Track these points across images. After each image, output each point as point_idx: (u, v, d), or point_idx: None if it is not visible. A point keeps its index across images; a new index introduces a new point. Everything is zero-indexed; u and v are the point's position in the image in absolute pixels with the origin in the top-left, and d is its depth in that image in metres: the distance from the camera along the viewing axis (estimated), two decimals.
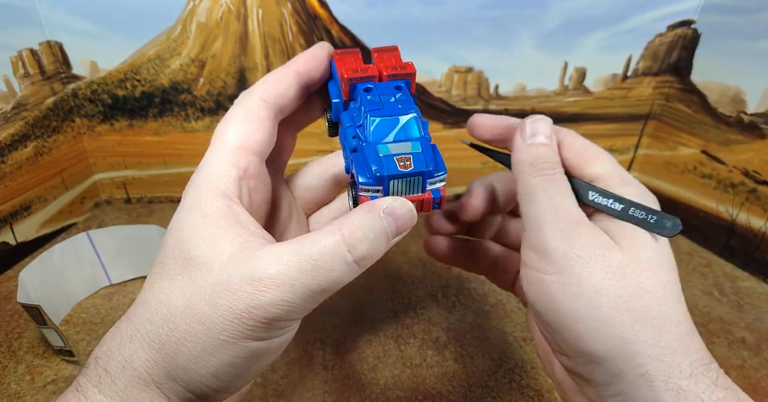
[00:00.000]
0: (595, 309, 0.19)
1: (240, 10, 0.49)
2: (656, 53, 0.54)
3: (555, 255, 0.20)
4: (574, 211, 0.21)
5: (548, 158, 0.22)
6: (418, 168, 0.20)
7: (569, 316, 0.20)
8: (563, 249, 0.20)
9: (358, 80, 0.22)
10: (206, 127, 0.55)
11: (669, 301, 0.20)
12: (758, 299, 0.45)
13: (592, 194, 0.22)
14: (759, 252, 0.48)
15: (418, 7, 0.49)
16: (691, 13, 0.52)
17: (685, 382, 0.18)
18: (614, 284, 0.20)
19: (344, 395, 0.33)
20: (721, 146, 0.51)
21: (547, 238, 0.21)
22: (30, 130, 0.47)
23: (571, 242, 0.20)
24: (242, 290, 0.18)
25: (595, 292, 0.19)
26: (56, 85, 0.50)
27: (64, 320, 0.40)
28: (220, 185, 0.20)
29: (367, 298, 0.43)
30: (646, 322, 0.19)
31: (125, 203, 0.59)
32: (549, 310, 0.21)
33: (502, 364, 0.36)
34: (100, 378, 0.18)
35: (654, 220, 0.21)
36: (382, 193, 0.21)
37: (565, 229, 0.20)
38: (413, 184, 0.21)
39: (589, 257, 0.20)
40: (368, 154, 0.20)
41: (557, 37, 0.52)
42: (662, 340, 0.19)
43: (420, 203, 0.21)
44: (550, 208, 0.21)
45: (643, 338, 0.19)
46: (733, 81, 0.49)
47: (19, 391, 0.33)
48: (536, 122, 0.23)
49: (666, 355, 0.19)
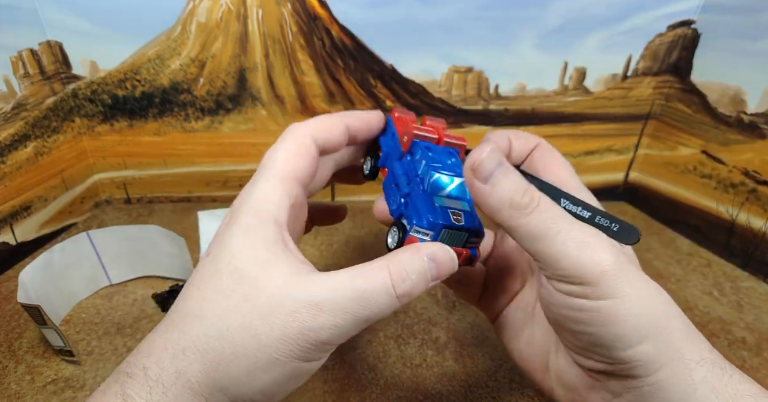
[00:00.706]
0: (644, 316, 0.20)
1: (240, 11, 0.49)
2: (656, 53, 0.54)
3: (602, 282, 0.20)
4: (585, 231, 0.21)
5: (522, 190, 0.21)
6: (467, 225, 0.23)
7: (624, 331, 0.20)
8: (608, 274, 0.20)
9: (422, 138, 0.26)
10: (206, 127, 0.55)
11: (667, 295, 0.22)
12: (758, 299, 0.45)
13: (563, 201, 0.23)
14: (759, 252, 0.48)
15: (419, 7, 0.49)
16: (691, 13, 0.52)
17: (708, 354, 0.20)
18: (645, 286, 0.21)
19: (344, 395, 0.33)
20: (721, 146, 0.51)
21: (584, 266, 0.20)
22: (30, 130, 0.47)
23: (605, 262, 0.20)
24: (298, 312, 0.19)
25: (641, 300, 0.20)
26: (56, 85, 0.50)
27: (64, 320, 0.40)
28: (275, 213, 0.22)
29: None
30: (671, 311, 0.21)
31: (125, 203, 0.59)
32: (602, 332, 0.20)
33: (502, 364, 0.36)
34: (151, 388, 0.19)
35: (617, 229, 0.21)
36: (431, 238, 0.23)
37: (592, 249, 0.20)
38: (458, 237, 0.23)
39: (626, 272, 0.20)
40: (425, 202, 0.23)
41: (557, 37, 0.52)
42: (685, 324, 0.21)
43: (458, 256, 0.23)
44: (571, 241, 0.20)
45: (676, 327, 0.21)
46: (733, 81, 0.49)
47: (19, 391, 0.33)
48: (482, 159, 0.21)
49: (693, 337, 0.21)
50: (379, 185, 0.28)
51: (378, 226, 0.56)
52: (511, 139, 0.26)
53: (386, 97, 0.55)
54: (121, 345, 0.37)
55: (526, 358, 0.27)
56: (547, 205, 0.21)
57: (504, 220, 0.21)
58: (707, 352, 0.21)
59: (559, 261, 0.20)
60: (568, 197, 0.22)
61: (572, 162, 0.26)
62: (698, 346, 0.21)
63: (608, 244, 0.20)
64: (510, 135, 0.26)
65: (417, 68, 0.53)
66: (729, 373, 0.20)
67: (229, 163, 0.57)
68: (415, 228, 0.23)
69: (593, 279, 0.20)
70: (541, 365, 0.26)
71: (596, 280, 0.20)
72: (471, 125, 0.57)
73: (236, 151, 0.57)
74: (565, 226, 0.20)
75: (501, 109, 0.56)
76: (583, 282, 0.20)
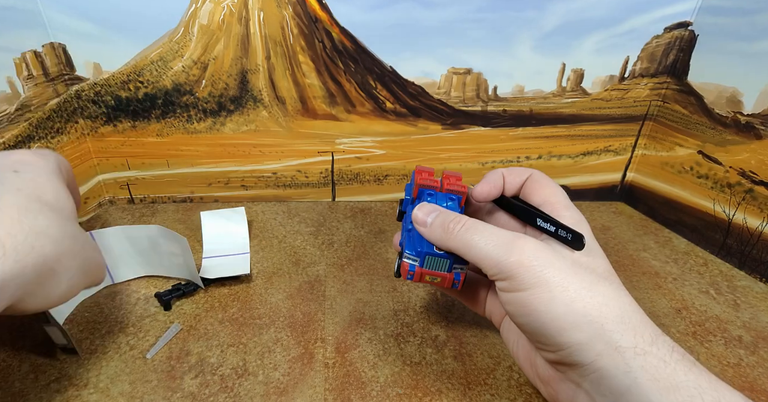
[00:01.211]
0: (569, 305, 0.23)
1: (241, 13, 0.49)
2: (653, 55, 0.55)
3: (519, 273, 0.24)
4: (509, 235, 0.26)
5: (449, 219, 0.28)
6: (445, 254, 0.29)
7: (550, 319, 0.23)
8: (523, 266, 0.24)
9: (425, 186, 0.31)
10: (208, 129, 0.55)
11: (618, 285, 0.25)
12: (754, 298, 0.45)
13: (539, 220, 0.29)
14: (755, 251, 0.48)
15: (418, 9, 0.50)
16: (688, 15, 0.52)
17: (649, 347, 0.22)
18: (575, 278, 0.24)
19: (345, 393, 0.34)
20: (718, 147, 0.51)
21: (502, 263, 0.25)
22: (34, 132, 0.48)
23: (523, 257, 0.24)
24: None
25: (564, 289, 0.23)
26: (60, 86, 0.50)
27: (68, 319, 0.40)
28: None
29: (367, 296, 0.44)
30: (610, 304, 0.23)
31: (128, 203, 0.60)
32: (532, 320, 0.24)
33: (500, 361, 0.37)
34: None
35: (570, 237, 0.26)
36: (418, 264, 0.29)
37: (511, 249, 0.25)
38: (441, 264, 0.29)
39: (545, 263, 0.24)
40: (418, 237, 0.30)
41: (555, 39, 0.52)
42: (625, 317, 0.23)
43: (443, 279, 0.29)
44: (488, 240, 0.26)
45: (611, 318, 0.23)
46: (729, 82, 0.49)
47: (23, 390, 0.34)
48: (420, 209, 0.30)
49: (631, 329, 0.23)
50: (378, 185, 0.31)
51: (378, 226, 0.56)
52: (505, 175, 0.32)
53: (386, 99, 0.55)
54: (124, 343, 0.38)
55: (521, 360, 0.30)
56: (473, 225, 0.27)
57: (444, 244, 0.28)
58: (648, 344, 0.22)
59: (484, 262, 0.25)
60: (541, 216, 0.29)
61: (570, 163, 0.30)
62: (638, 337, 0.22)
63: (532, 245, 0.25)
64: (504, 172, 0.32)
65: (416, 70, 0.54)
66: (673, 366, 0.21)
67: (231, 164, 0.58)
68: (405, 254, 0.30)
69: (512, 272, 0.24)
70: (528, 361, 0.29)
71: (515, 273, 0.24)
72: (470, 126, 0.57)
73: (238, 152, 0.57)
74: (487, 234, 0.26)
75: (499, 111, 0.57)
76: (505, 277, 0.25)
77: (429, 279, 0.30)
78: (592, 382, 0.23)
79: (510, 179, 0.32)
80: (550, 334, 0.24)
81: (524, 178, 0.32)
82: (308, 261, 0.49)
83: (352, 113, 0.56)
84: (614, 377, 0.22)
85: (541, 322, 0.24)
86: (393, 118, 0.57)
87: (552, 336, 0.24)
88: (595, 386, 0.23)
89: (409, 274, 0.29)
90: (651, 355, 0.22)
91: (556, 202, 0.29)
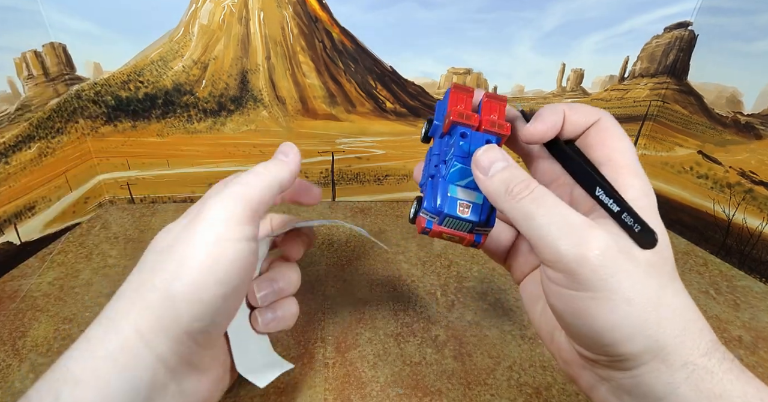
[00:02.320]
0: (629, 318, 0.20)
1: (242, 13, 0.49)
2: (653, 55, 0.55)
3: (582, 273, 0.20)
4: (579, 221, 0.21)
5: (517, 179, 0.22)
6: (471, 217, 0.25)
7: (604, 328, 0.20)
8: (588, 265, 0.20)
9: (460, 123, 0.25)
10: (208, 129, 0.55)
11: (681, 288, 0.22)
12: (754, 298, 0.45)
13: (598, 190, 0.22)
14: (755, 251, 0.48)
15: (418, 9, 0.50)
16: (687, 15, 0.52)
17: (700, 359, 0.20)
18: (641, 289, 0.20)
19: (344, 393, 0.34)
20: (718, 147, 0.51)
21: (563, 253, 0.20)
22: (34, 132, 0.48)
23: (590, 254, 0.20)
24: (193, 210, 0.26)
25: (628, 302, 0.20)
26: (60, 86, 0.50)
27: (68, 318, 0.40)
28: None
29: (367, 296, 0.44)
30: (672, 317, 0.20)
31: (129, 203, 0.60)
32: (580, 322, 0.21)
33: (500, 361, 0.37)
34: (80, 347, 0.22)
35: (638, 230, 0.21)
36: (437, 222, 0.25)
37: (578, 240, 0.20)
38: (462, 225, 0.25)
39: (614, 268, 0.20)
40: (440, 189, 0.25)
41: (555, 39, 0.52)
42: (686, 330, 0.20)
43: (461, 239, 0.26)
44: (554, 219, 0.21)
45: (670, 332, 0.20)
46: (729, 82, 0.49)
47: (23, 390, 0.34)
48: (486, 153, 0.24)
49: (688, 340, 0.20)
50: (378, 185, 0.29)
51: (377, 226, 0.56)
52: (567, 113, 0.25)
53: (386, 99, 0.55)
54: None
55: (538, 326, 0.27)
56: (542, 196, 0.22)
57: (498, 204, 0.23)
58: (700, 356, 0.20)
59: (540, 244, 0.21)
60: (605, 188, 0.22)
61: None
62: (693, 349, 0.20)
63: (604, 241, 0.20)
64: (566, 109, 0.25)
65: (416, 70, 0.54)
66: (720, 376, 0.20)
67: (231, 164, 0.58)
68: (423, 210, 0.26)
69: (573, 268, 0.20)
70: (549, 335, 0.26)
71: (577, 270, 0.20)
72: None
73: (238, 152, 0.57)
74: (555, 213, 0.21)
75: None
76: (563, 270, 0.20)
77: (446, 237, 0.26)
78: (622, 386, 0.22)
79: (573, 119, 0.25)
80: (598, 341, 0.21)
81: (590, 122, 0.25)
82: (308, 261, 0.49)
83: (352, 113, 0.56)
84: (652, 386, 0.20)
85: (590, 327, 0.21)
86: (393, 118, 0.57)
87: (599, 343, 0.21)
88: (625, 388, 0.22)
89: (424, 230, 0.26)
90: (700, 367, 0.20)
91: (624, 164, 0.23)
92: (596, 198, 0.22)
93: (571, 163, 0.25)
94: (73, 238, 0.52)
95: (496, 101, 0.26)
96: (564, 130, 0.25)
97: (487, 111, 0.26)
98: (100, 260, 0.48)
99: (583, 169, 0.24)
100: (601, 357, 0.22)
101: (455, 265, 0.49)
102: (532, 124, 0.25)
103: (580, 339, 0.22)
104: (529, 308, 0.28)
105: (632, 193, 0.22)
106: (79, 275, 0.46)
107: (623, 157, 0.23)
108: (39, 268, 0.47)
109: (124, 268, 0.47)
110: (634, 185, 0.22)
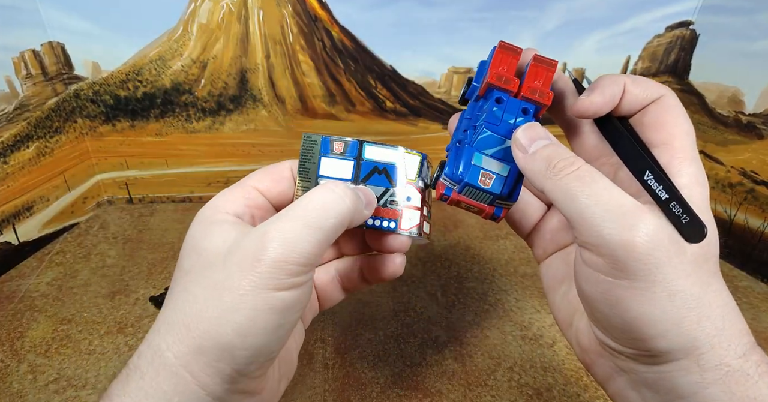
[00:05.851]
0: (667, 313, 0.19)
1: (241, 12, 0.49)
2: (654, 54, 0.54)
3: (625, 260, 0.19)
4: (629, 203, 0.19)
5: (561, 156, 0.20)
6: (492, 189, 0.23)
7: (640, 321, 0.19)
8: (635, 253, 0.18)
9: (495, 88, 0.23)
10: (207, 128, 0.55)
11: (723, 286, 0.20)
12: (756, 299, 0.45)
13: (647, 175, 0.20)
14: (757, 252, 0.48)
15: (418, 8, 0.50)
16: (689, 14, 0.52)
17: (735, 361, 0.19)
18: (685, 285, 0.19)
19: (344, 394, 0.34)
20: (719, 146, 0.51)
21: (606, 238, 0.19)
22: (32, 131, 0.47)
23: (637, 240, 0.18)
24: (250, 246, 0.19)
25: (670, 296, 0.19)
26: (58, 85, 0.50)
27: (66, 319, 0.40)
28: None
29: (367, 297, 0.44)
30: (711, 316, 0.19)
31: (127, 203, 0.60)
32: (614, 312, 0.20)
33: (501, 362, 0.37)
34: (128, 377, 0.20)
35: (686, 221, 0.19)
36: (456, 190, 0.24)
37: (625, 224, 0.18)
38: (482, 196, 0.24)
39: (662, 259, 0.19)
40: (464, 155, 0.23)
41: (556, 39, 0.52)
42: (725, 329, 0.19)
43: (480, 211, 0.24)
44: (599, 199, 0.19)
45: (708, 331, 0.19)
46: (731, 82, 0.49)
47: (21, 391, 0.34)
48: (527, 130, 0.22)
49: (724, 341, 0.19)
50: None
51: None
52: (627, 85, 0.22)
53: (386, 98, 0.55)
54: (122, 344, 0.38)
55: (557, 310, 0.26)
56: (587, 173, 0.20)
57: (538, 183, 0.21)
58: (736, 357, 0.19)
59: (582, 227, 0.19)
60: (655, 172, 0.20)
61: None
62: (728, 351, 0.19)
63: (653, 227, 0.19)
64: (626, 80, 0.22)
65: (417, 69, 0.54)
66: (755, 379, 0.19)
67: (230, 164, 0.58)
68: (444, 176, 0.24)
69: (616, 254, 0.19)
70: (567, 320, 0.25)
71: (620, 257, 0.19)
72: None
73: (237, 152, 0.57)
74: (601, 192, 0.19)
75: None
76: (604, 254, 0.19)
77: (464, 206, 0.25)
78: (646, 380, 0.21)
79: (633, 95, 0.22)
80: (629, 333, 0.20)
81: (651, 98, 0.22)
82: None
83: (352, 112, 0.56)
84: (679, 383, 0.19)
85: (621, 318, 0.19)
86: (393, 118, 0.57)
87: (629, 336, 0.20)
88: (647, 382, 0.20)
89: (443, 196, 0.25)
90: (735, 369, 0.19)
91: (680, 148, 0.21)
92: (644, 183, 0.20)
93: (621, 142, 0.22)
94: (72, 238, 0.52)
95: (543, 66, 0.23)
96: (621, 105, 0.22)
97: (532, 76, 0.23)
98: (99, 260, 0.48)
99: (634, 150, 0.21)
100: (627, 349, 0.21)
101: (455, 266, 0.49)
102: (588, 95, 0.22)
103: (608, 329, 0.21)
104: (549, 290, 0.27)
105: (685, 181, 0.20)
106: (78, 275, 0.46)
107: (680, 142, 0.21)
108: (37, 269, 0.47)
109: (122, 269, 0.47)
110: (688, 172, 0.20)
